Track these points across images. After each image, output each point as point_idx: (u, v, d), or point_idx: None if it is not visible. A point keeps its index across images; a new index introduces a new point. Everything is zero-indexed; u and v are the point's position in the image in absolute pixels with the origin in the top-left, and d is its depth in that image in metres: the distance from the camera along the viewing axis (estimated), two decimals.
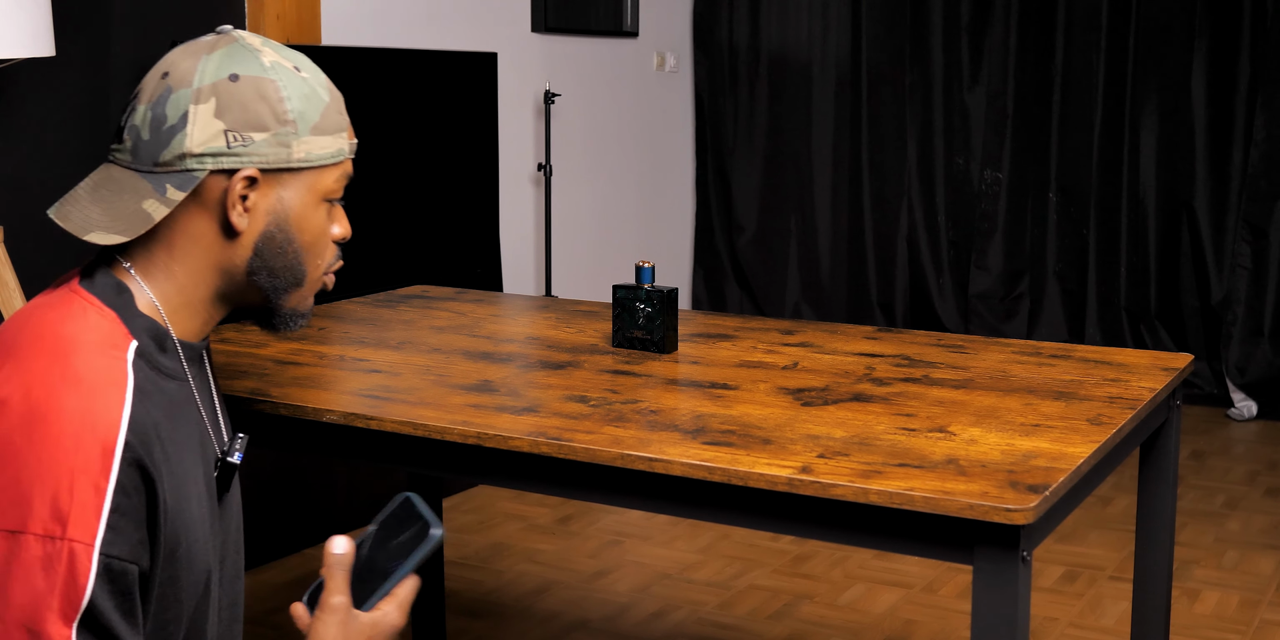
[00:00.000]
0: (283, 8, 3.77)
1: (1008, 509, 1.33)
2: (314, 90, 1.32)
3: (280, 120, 1.28)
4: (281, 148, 1.29)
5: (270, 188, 1.30)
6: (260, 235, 1.31)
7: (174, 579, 1.23)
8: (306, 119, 1.30)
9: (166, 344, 1.29)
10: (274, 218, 1.31)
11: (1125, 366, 1.95)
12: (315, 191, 1.33)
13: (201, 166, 1.27)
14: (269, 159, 1.28)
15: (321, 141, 1.31)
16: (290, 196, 1.31)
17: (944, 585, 3.29)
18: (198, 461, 1.30)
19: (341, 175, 1.35)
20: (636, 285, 2.05)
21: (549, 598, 3.23)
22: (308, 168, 1.31)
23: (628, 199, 5.50)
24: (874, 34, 5.57)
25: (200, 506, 1.28)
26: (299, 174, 1.31)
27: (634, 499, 1.56)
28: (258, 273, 1.32)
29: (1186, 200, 5.05)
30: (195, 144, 1.26)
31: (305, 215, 1.33)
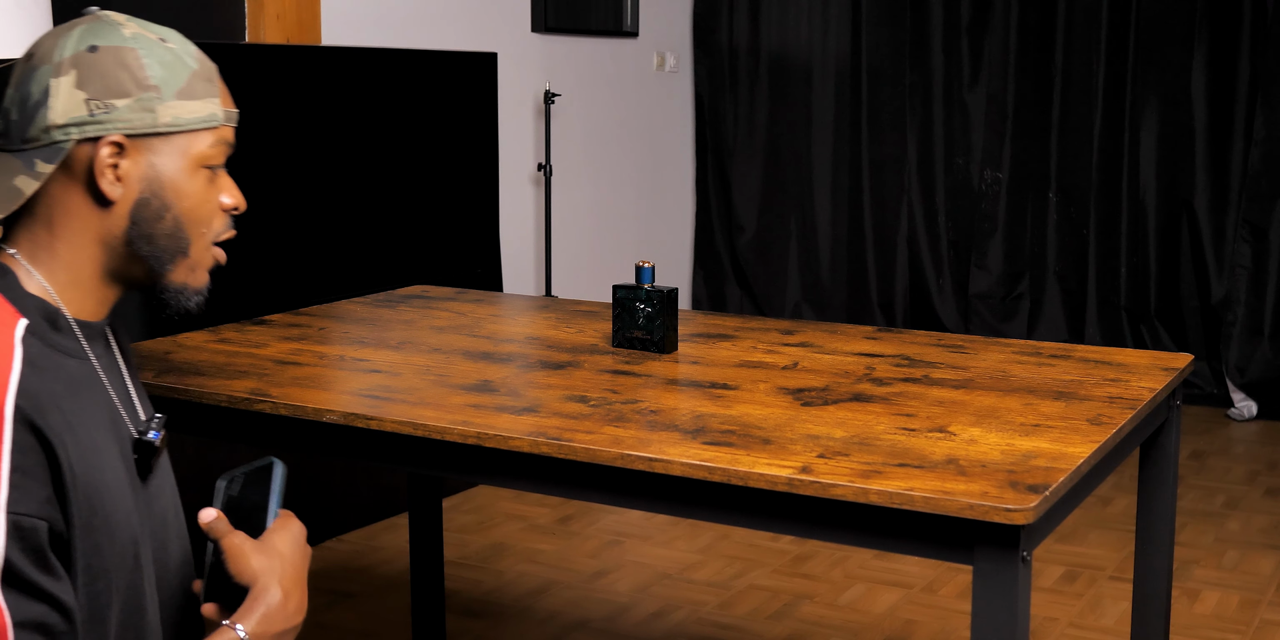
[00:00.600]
0: (283, 8, 3.76)
1: (1008, 509, 1.33)
2: (178, 58, 1.32)
3: (142, 86, 1.29)
4: (146, 113, 1.29)
5: (140, 154, 1.30)
6: (135, 202, 1.31)
7: (97, 548, 1.23)
8: (170, 84, 1.30)
9: (60, 323, 1.29)
10: (147, 184, 1.31)
11: (1125, 366, 1.95)
12: (189, 157, 1.32)
13: (66, 137, 1.27)
14: (134, 124, 1.29)
15: (189, 106, 1.32)
16: (163, 162, 1.31)
17: (944, 585, 3.29)
18: (110, 438, 1.29)
19: (218, 141, 1.35)
20: (636, 285, 2.05)
21: (549, 598, 3.23)
22: (177, 132, 1.31)
23: (628, 199, 5.50)
24: (874, 34, 5.57)
25: (118, 480, 1.28)
26: (169, 139, 1.31)
27: (634, 499, 1.56)
28: (136, 242, 1.32)
29: (1186, 200, 5.05)
30: (58, 115, 1.27)
31: (181, 181, 1.32)
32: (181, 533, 1.43)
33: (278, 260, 3.59)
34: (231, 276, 3.44)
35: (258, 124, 3.53)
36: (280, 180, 3.60)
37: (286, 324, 2.28)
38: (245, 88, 3.48)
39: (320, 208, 3.72)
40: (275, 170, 3.58)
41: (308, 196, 3.68)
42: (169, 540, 1.39)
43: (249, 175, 3.63)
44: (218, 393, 1.78)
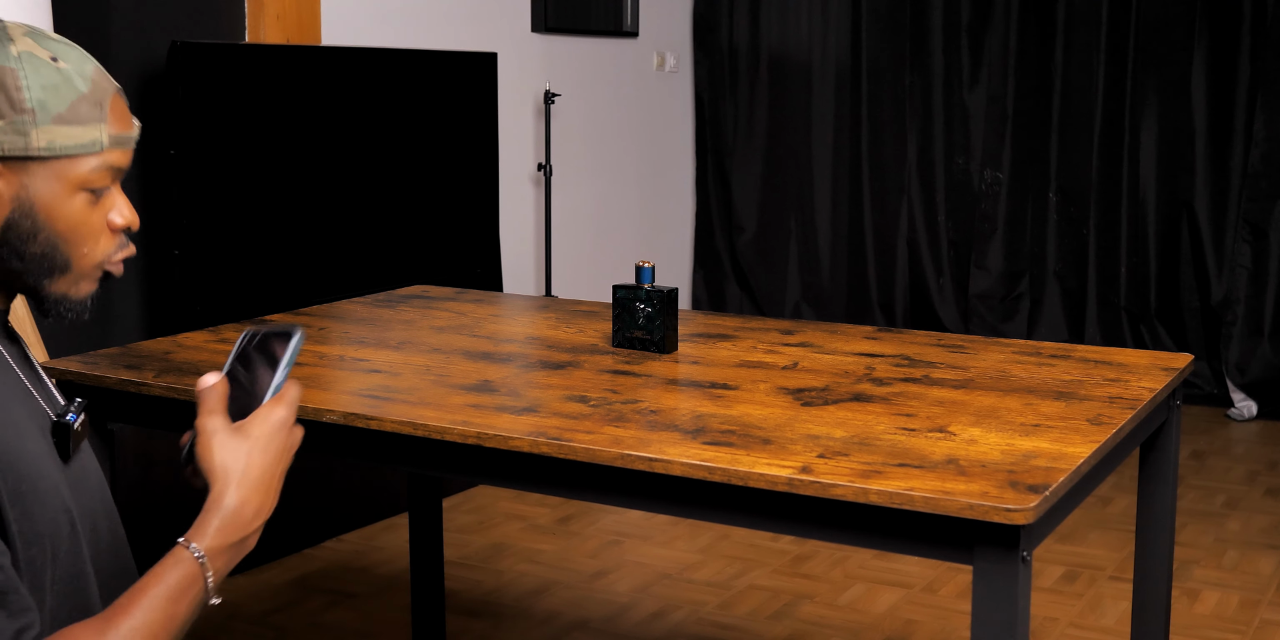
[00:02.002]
0: (283, 8, 3.76)
1: (1008, 509, 1.33)
2: (66, 80, 1.30)
3: (16, 108, 1.27)
4: (17, 136, 1.27)
5: (13, 175, 1.29)
6: (5, 222, 1.30)
7: (28, 514, 1.23)
8: (48, 108, 1.28)
9: None
10: (19, 204, 1.29)
11: (1125, 366, 1.95)
12: (67, 181, 1.30)
13: None
14: (3, 147, 1.27)
15: (68, 131, 1.29)
16: (36, 185, 1.29)
17: (944, 585, 3.29)
18: (27, 415, 1.29)
19: (101, 166, 1.32)
20: (636, 285, 2.05)
21: (549, 598, 3.23)
22: (52, 157, 1.29)
23: (628, 199, 5.50)
24: (874, 34, 5.57)
25: (40, 454, 1.28)
26: (45, 163, 1.29)
27: (634, 499, 1.56)
28: (7, 258, 1.31)
29: (1186, 200, 5.05)
30: None
31: (56, 204, 1.31)
32: (111, 517, 1.42)
33: (278, 260, 3.59)
34: (232, 276, 3.45)
35: (258, 124, 3.53)
36: (280, 180, 3.60)
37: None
38: (245, 88, 3.49)
39: (320, 208, 3.72)
40: (275, 170, 3.58)
41: (308, 196, 3.68)
42: (98, 522, 1.38)
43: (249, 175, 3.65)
44: None
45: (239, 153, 3.48)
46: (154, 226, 3.46)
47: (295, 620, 3.08)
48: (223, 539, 1.27)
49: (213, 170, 3.40)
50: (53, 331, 2.95)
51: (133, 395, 1.85)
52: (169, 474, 3.14)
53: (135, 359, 1.98)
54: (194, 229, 3.36)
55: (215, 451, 1.29)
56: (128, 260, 1.41)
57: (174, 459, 3.11)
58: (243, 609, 3.12)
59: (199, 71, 3.36)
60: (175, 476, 1.43)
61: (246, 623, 3.05)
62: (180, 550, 1.25)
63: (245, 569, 3.36)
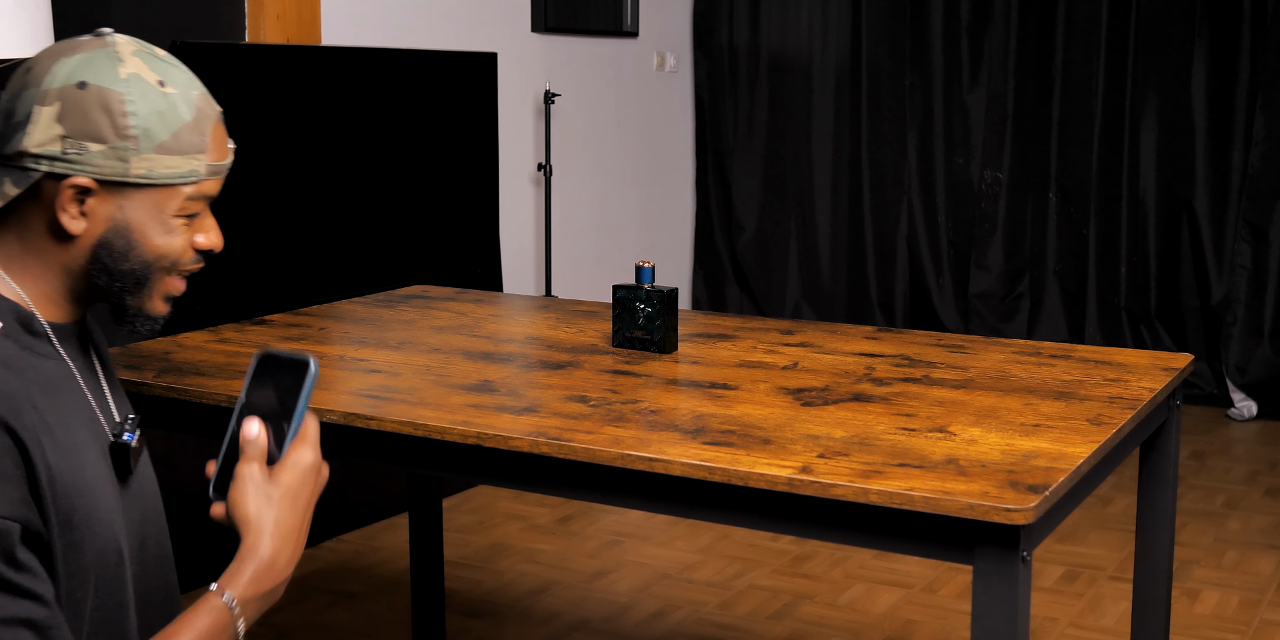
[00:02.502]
0: (283, 8, 3.76)
1: (1008, 509, 1.33)
2: (172, 107, 1.29)
3: (120, 134, 1.27)
4: (118, 162, 1.27)
5: (110, 197, 1.29)
6: (98, 240, 1.30)
7: (76, 546, 1.23)
8: (152, 136, 1.28)
9: (34, 326, 1.30)
10: (114, 226, 1.30)
11: (1125, 366, 1.95)
12: (161, 207, 1.31)
13: (36, 167, 1.27)
14: (103, 171, 1.27)
15: (168, 161, 1.29)
16: (132, 208, 1.30)
17: (944, 585, 3.29)
18: (89, 436, 1.30)
19: (196, 194, 1.32)
20: (636, 285, 2.05)
21: (549, 598, 3.23)
22: (150, 184, 1.29)
23: (628, 199, 5.50)
24: (874, 34, 5.57)
25: (99, 479, 1.28)
26: (142, 189, 1.30)
27: (634, 499, 1.56)
28: (97, 275, 1.32)
29: (1186, 200, 5.05)
30: (33, 144, 1.26)
31: (148, 227, 1.31)
32: (160, 531, 1.43)
33: (278, 260, 3.59)
34: (232, 276, 3.45)
35: (258, 124, 3.53)
36: (280, 180, 3.60)
37: (286, 324, 2.28)
38: (245, 88, 3.49)
39: (320, 208, 3.72)
40: (275, 170, 3.58)
41: (308, 197, 3.68)
42: (146, 538, 1.39)
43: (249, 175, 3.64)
44: (218, 393, 1.78)
45: (239, 153, 3.48)
46: None
47: (295, 620, 3.08)
48: (255, 589, 1.27)
49: None
50: None
51: (133, 395, 1.85)
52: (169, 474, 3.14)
53: (135, 359, 1.98)
54: None
55: (250, 500, 1.29)
56: None
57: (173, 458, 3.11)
58: None
59: (199, 71, 3.35)
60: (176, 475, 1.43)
61: None
62: (214, 598, 1.25)
63: None
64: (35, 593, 1.17)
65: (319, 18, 3.92)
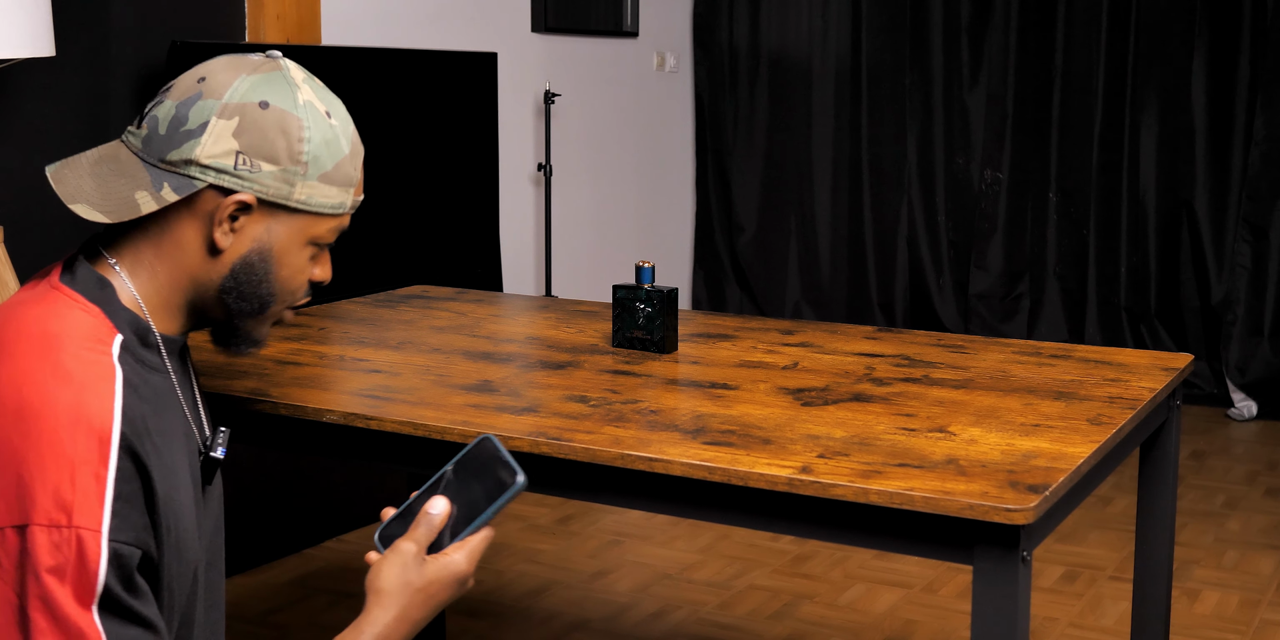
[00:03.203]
0: (283, 8, 3.76)
1: (1008, 509, 1.33)
2: (336, 138, 1.34)
3: (293, 159, 1.30)
4: (285, 184, 1.31)
5: (262, 217, 1.32)
6: (241, 258, 1.33)
7: (167, 567, 1.25)
8: (319, 164, 1.32)
9: (149, 338, 1.31)
10: (258, 246, 1.33)
11: (1125, 366, 1.95)
12: (305, 234, 1.35)
13: (203, 177, 1.29)
14: (268, 191, 1.31)
15: (326, 190, 1.34)
16: (279, 231, 1.34)
17: (944, 585, 3.29)
18: (184, 453, 1.31)
19: (336, 227, 1.38)
20: (636, 285, 2.05)
21: (549, 598, 3.23)
22: (304, 211, 1.34)
23: (628, 199, 5.51)
24: (874, 34, 5.58)
25: (188, 498, 1.30)
26: (294, 214, 1.34)
27: (634, 499, 1.56)
28: (229, 293, 1.34)
29: (1186, 200, 5.05)
30: (205, 154, 1.28)
31: (289, 252, 1.35)
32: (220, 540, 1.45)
33: None
34: None
35: None
36: None
37: (286, 324, 2.28)
38: None
39: None
40: None
41: None
42: (215, 546, 1.42)
43: None
44: (218, 393, 1.78)
45: None
46: None
47: (296, 620, 3.08)
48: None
49: None
50: None
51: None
52: None
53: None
54: None
55: (394, 577, 1.30)
56: None
57: None
58: (243, 609, 3.12)
59: None
60: None
61: (247, 622, 3.05)
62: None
63: (245, 569, 3.37)
64: (148, 620, 1.19)
65: (319, 18, 3.92)
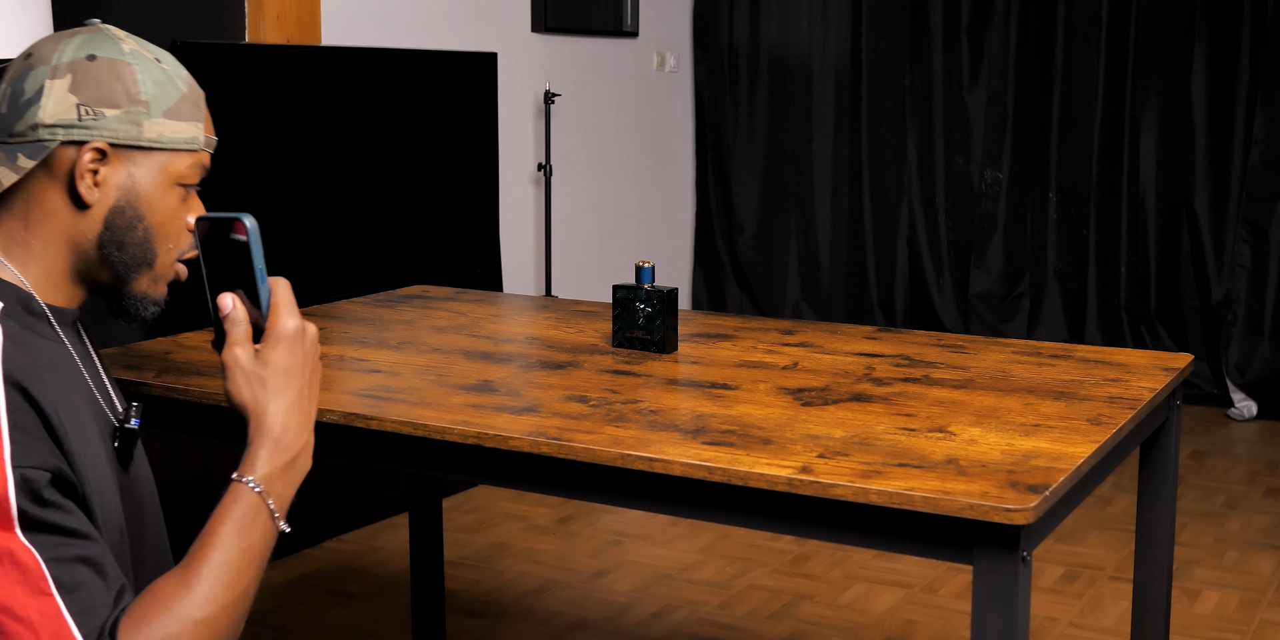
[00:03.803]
0: (283, 8, 3.76)
1: (1008, 509, 1.33)
2: (170, 79, 1.37)
3: (133, 100, 1.34)
4: (132, 125, 1.34)
5: (121, 164, 1.34)
6: (110, 209, 1.35)
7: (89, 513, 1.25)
8: (159, 102, 1.35)
9: (34, 306, 1.33)
10: (124, 193, 1.35)
11: (1125, 366, 1.95)
12: (167, 174, 1.37)
13: (52, 137, 1.32)
14: (119, 134, 1.33)
15: (175, 125, 1.37)
16: (141, 175, 1.36)
17: (944, 585, 3.29)
18: (90, 418, 1.31)
19: (196, 164, 1.40)
20: (636, 285, 2.05)
21: (549, 598, 3.23)
22: (159, 149, 1.36)
23: (628, 199, 5.50)
24: (874, 34, 5.58)
25: (100, 456, 1.30)
26: (150, 154, 1.36)
27: (634, 499, 1.56)
28: (107, 247, 1.35)
29: (1186, 200, 5.05)
30: (47, 115, 1.31)
31: (156, 195, 1.37)
32: (157, 525, 1.45)
33: (278, 260, 3.58)
34: None
35: (258, 124, 3.53)
36: (280, 180, 3.60)
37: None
38: (245, 88, 3.49)
39: (320, 208, 3.72)
40: (275, 170, 3.58)
41: (308, 197, 3.68)
42: (145, 529, 1.41)
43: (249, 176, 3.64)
44: (218, 393, 1.78)
45: (239, 153, 3.48)
46: None
47: (295, 620, 3.08)
48: (272, 464, 1.29)
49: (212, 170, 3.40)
50: None
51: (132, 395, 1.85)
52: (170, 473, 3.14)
53: (135, 359, 1.98)
54: None
55: (242, 387, 1.32)
56: None
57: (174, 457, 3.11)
58: None
59: (199, 71, 3.35)
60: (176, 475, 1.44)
61: (247, 622, 3.05)
62: (236, 486, 1.28)
63: None
64: (76, 530, 1.19)
65: (319, 18, 3.92)
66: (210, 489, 1.36)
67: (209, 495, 1.32)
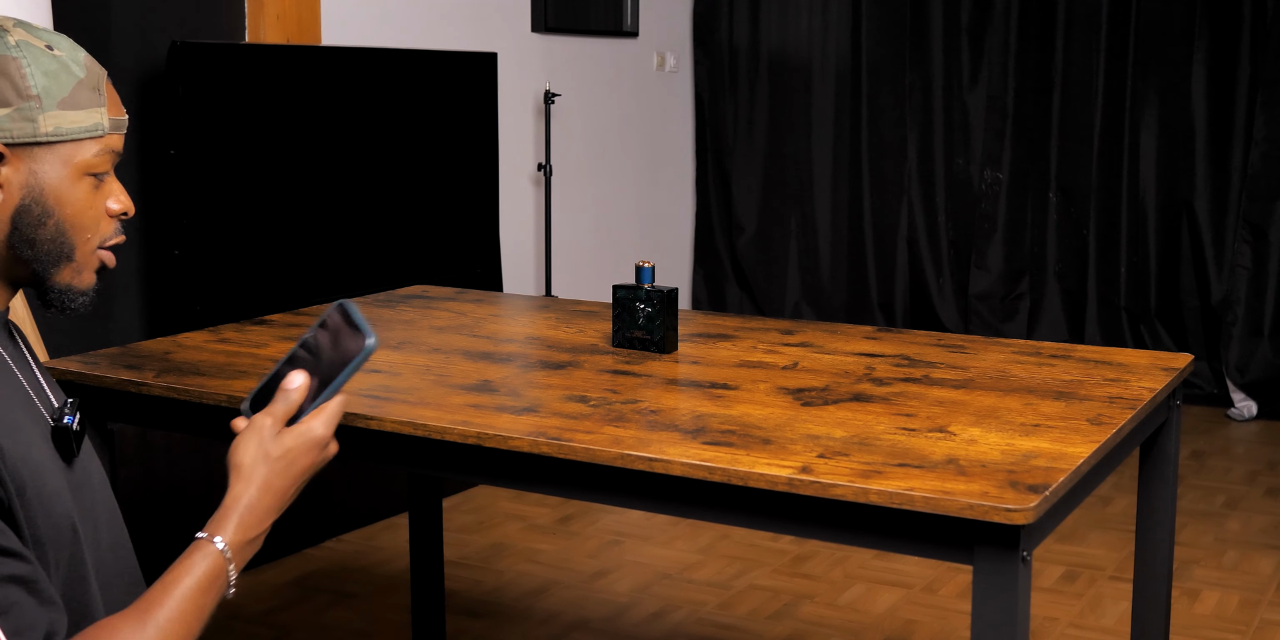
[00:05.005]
0: (283, 8, 3.77)
1: (1008, 509, 1.33)
2: (64, 67, 1.33)
3: (22, 96, 1.30)
4: (26, 122, 1.30)
5: (21, 161, 1.31)
6: (16, 208, 1.32)
7: (33, 522, 1.24)
8: (53, 94, 1.31)
9: None
10: (28, 191, 1.32)
11: (1125, 366, 1.95)
12: (73, 166, 1.33)
13: None
14: (13, 133, 1.30)
15: (72, 115, 1.32)
16: (45, 170, 1.32)
17: (944, 585, 3.29)
18: (29, 419, 1.30)
19: (103, 150, 1.36)
20: (636, 285, 2.05)
21: (549, 598, 3.23)
22: (60, 141, 1.32)
23: (628, 199, 5.50)
24: (874, 34, 5.57)
25: (44, 457, 1.29)
26: (52, 148, 1.32)
27: (634, 499, 1.56)
28: (18, 246, 1.33)
29: (1186, 200, 5.05)
30: None
31: (63, 189, 1.34)
32: (113, 516, 1.43)
33: (278, 260, 3.59)
34: (232, 276, 3.45)
35: (258, 124, 3.53)
36: (280, 180, 3.60)
37: (286, 324, 2.28)
38: (245, 88, 3.49)
39: (320, 208, 3.72)
40: (275, 170, 3.58)
41: (308, 196, 3.68)
42: (99, 523, 1.39)
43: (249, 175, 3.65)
44: (218, 393, 1.78)
45: (239, 153, 3.48)
46: (154, 227, 3.46)
47: (295, 620, 3.08)
48: (242, 535, 1.32)
49: (213, 170, 3.40)
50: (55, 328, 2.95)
51: (132, 395, 1.85)
52: (169, 473, 3.14)
53: (135, 359, 1.98)
54: (194, 229, 3.36)
55: (250, 450, 1.34)
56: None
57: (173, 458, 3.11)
58: (243, 609, 3.12)
59: (199, 71, 3.36)
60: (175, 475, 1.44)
61: (247, 622, 3.05)
62: (206, 544, 1.29)
63: (246, 568, 3.36)
64: (8, 548, 1.18)
65: (319, 18, 3.92)
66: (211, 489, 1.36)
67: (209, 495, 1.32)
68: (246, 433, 1.34)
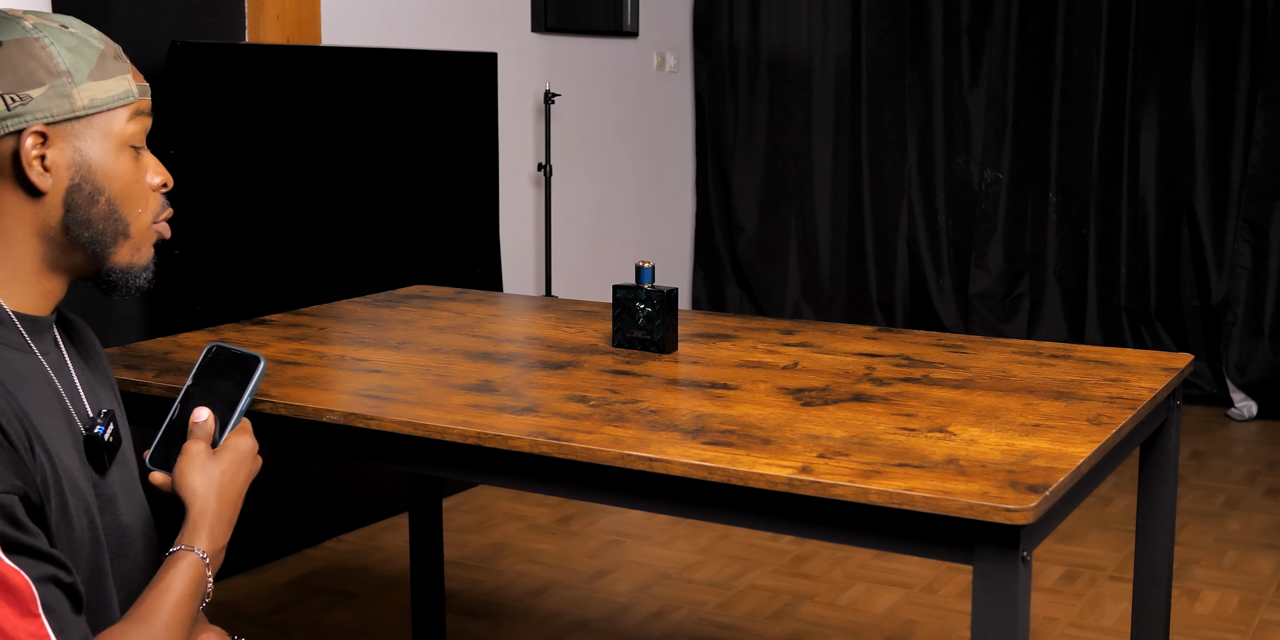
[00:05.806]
0: (283, 8, 3.76)
1: (1008, 509, 1.33)
2: (83, 41, 1.34)
3: (53, 73, 1.30)
4: (63, 99, 1.30)
5: (64, 141, 1.31)
6: (67, 190, 1.31)
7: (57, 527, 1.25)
8: (81, 67, 1.32)
9: (2, 317, 1.30)
10: (77, 170, 1.32)
11: (1125, 366, 1.95)
12: (112, 137, 1.34)
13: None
14: (53, 112, 1.30)
15: (104, 85, 1.33)
16: (88, 146, 1.32)
17: (944, 585, 3.29)
18: (64, 429, 1.30)
19: (136, 114, 1.36)
20: (636, 285, 2.05)
21: (549, 598, 3.23)
22: (96, 112, 1.33)
23: (628, 199, 5.50)
24: (874, 34, 5.57)
25: (74, 467, 1.29)
26: (90, 121, 1.32)
27: (634, 499, 1.56)
28: (74, 229, 1.32)
29: (1186, 200, 5.05)
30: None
31: (108, 162, 1.34)
32: (149, 531, 1.44)
33: (278, 260, 3.59)
34: (232, 276, 3.45)
35: (258, 124, 3.53)
36: (280, 180, 3.60)
37: (286, 324, 2.28)
38: (245, 88, 3.49)
39: (320, 208, 3.72)
40: (275, 170, 3.58)
41: (308, 196, 3.68)
42: (133, 538, 1.40)
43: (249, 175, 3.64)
44: None
45: (239, 153, 3.48)
46: None
47: (295, 620, 3.08)
48: (214, 543, 1.36)
49: (213, 170, 3.40)
50: None
51: (132, 395, 1.85)
52: None
53: (135, 359, 1.98)
54: (194, 229, 3.36)
55: (197, 473, 1.38)
56: None
57: None
58: (243, 609, 3.12)
59: (199, 71, 3.36)
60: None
61: (247, 622, 3.05)
62: (187, 554, 1.33)
63: (245, 569, 3.36)
64: (50, 555, 1.20)
65: (319, 18, 3.92)
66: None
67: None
68: (185, 461, 1.38)
